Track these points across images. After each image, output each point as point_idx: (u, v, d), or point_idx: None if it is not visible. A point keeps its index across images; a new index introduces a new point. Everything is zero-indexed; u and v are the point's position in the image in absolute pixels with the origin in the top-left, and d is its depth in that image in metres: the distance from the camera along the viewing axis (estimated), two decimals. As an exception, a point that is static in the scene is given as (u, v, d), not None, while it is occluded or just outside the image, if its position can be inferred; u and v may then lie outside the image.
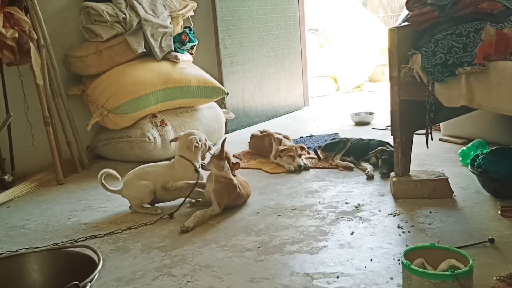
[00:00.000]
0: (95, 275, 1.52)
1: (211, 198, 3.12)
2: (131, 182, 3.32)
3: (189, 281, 2.33)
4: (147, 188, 3.27)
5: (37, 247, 2.78)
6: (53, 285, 1.72)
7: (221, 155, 3.20)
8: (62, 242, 2.84)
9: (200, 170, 3.37)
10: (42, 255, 1.75)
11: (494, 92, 2.60)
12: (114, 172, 3.34)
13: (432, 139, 3.08)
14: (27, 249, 2.69)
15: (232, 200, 3.19)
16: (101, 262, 1.58)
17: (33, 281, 1.74)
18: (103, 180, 3.30)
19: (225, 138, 3.37)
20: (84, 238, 2.91)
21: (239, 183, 3.23)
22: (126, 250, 2.73)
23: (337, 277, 2.27)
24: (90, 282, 1.47)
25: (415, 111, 3.09)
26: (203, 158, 3.49)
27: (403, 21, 3.15)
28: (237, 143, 5.00)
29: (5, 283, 1.72)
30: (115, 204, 3.47)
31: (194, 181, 3.26)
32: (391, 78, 3.06)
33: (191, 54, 5.05)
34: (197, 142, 3.37)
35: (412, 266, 2.00)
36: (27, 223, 3.23)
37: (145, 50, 4.58)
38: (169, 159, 3.71)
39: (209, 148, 3.51)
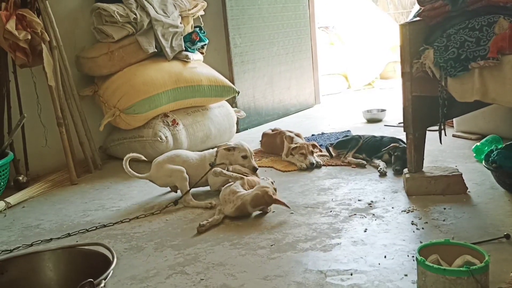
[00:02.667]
0: (110, 272, 1.52)
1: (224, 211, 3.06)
2: (162, 168, 3.42)
3: (202, 279, 2.33)
4: (181, 173, 3.37)
5: (51, 239, 2.82)
6: (67, 283, 1.73)
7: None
8: (75, 232, 2.87)
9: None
10: (56, 253, 1.76)
11: (508, 86, 2.57)
12: (139, 155, 3.46)
13: (445, 135, 3.05)
14: (41, 241, 2.71)
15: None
16: (115, 259, 1.59)
17: (48, 279, 1.75)
18: (128, 166, 3.39)
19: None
20: (95, 228, 2.95)
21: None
22: (139, 248, 2.74)
23: (351, 274, 2.26)
24: (104, 279, 1.48)
25: (428, 107, 3.06)
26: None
27: (414, 16, 3.12)
28: (249, 141, 4.93)
29: (20, 281, 1.73)
30: (128, 204, 3.49)
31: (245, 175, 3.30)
32: (403, 73, 3.04)
33: (202, 53, 5.06)
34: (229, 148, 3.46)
35: (427, 263, 1.98)
36: (41, 223, 3.26)
37: (156, 50, 4.59)
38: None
39: (254, 168, 3.50)
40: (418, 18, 3.03)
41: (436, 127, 3.06)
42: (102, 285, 1.45)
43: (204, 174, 3.44)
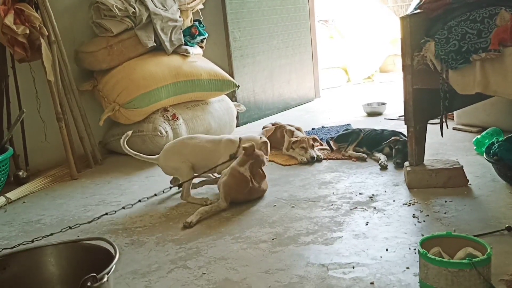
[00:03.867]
0: (112, 267, 1.52)
1: (220, 191, 3.11)
2: (169, 156, 3.38)
3: (204, 273, 2.33)
4: (185, 166, 3.31)
5: (52, 233, 2.81)
6: (70, 278, 1.73)
7: (250, 152, 3.13)
8: (77, 237, 2.87)
9: None
10: (58, 248, 1.76)
11: (510, 78, 2.56)
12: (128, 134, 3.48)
13: (447, 127, 3.04)
14: (42, 237, 2.70)
15: (243, 195, 3.15)
16: (117, 254, 1.59)
17: (50, 274, 1.75)
18: (127, 147, 3.43)
19: (267, 143, 3.37)
20: (96, 219, 2.94)
21: (260, 178, 3.20)
22: (141, 243, 2.74)
23: (353, 267, 2.26)
24: (107, 274, 1.48)
25: (429, 99, 3.05)
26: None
27: (415, 9, 3.11)
28: (249, 135, 4.98)
29: (22, 277, 1.73)
30: (129, 199, 3.48)
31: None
32: (404, 66, 3.03)
33: (201, 47, 5.04)
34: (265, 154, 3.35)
35: (429, 255, 1.98)
36: (42, 218, 3.25)
37: (155, 44, 4.57)
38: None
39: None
40: (418, 11, 3.01)
41: (437, 120, 3.06)
42: (105, 279, 1.45)
43: (220, 163, 3.31)
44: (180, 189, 3.29)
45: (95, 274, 1.42)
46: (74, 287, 1.48)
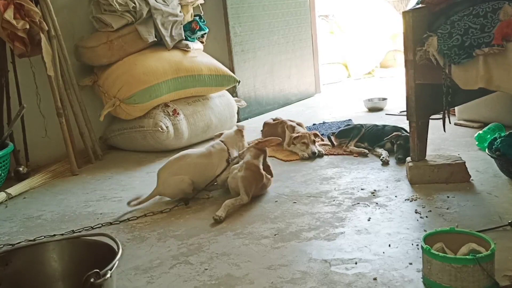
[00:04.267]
0: (115, 263, 1.51)
1: (239, 186, 3.05)
2: (167, 181, 3.18)
3: (206, 269, 2.32)
4: (185, 183, 3.17)
5: (54, 235, 2.81)
6: (72, 273, 1.72)
7: (263, 146, 3.21)
8: (79, 229, 2.86)
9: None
10: (61, 244, 1.75)
11: (514, 73, 2.55)
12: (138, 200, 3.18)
13: (450, 123, 3.03)
14: (45, 237, 2.70)
15: (258, 190, 3.15)
16: (120, 250, 1.58)
17: (53, 270, 1.74)
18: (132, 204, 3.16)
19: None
20: (100, 225, 2.93)
21: (269, 172, 3.25)
22: (142, 239, 2.73)
23: (356, 263, 2.25)
24: (110, 270, 1.47)
25: (431, 95, 3.04)
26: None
27: (417, 3, 3.09)
28: (250, 131, 4.95)
29: (24, 272, 1.72)
30: (130, 194, 3.46)
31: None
32: (406, 61, 3.02)
33: (202, 42, 5.02)
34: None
35: (432, 251, 1.97)
36: (43, 213, 3.24)
37: (155, 39, 4.55)
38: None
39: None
40: (421, 5, 3.00)
41: (438, 116, 3.04)
42: (108, 275, 1.44)
43: (220, 173, 3.27)
44: (187, 205, 3.18)
45: (98, 270, 1.41)
46: (76, 283, 1.47)
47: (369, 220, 2.70)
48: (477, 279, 1.90)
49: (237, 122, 5.17)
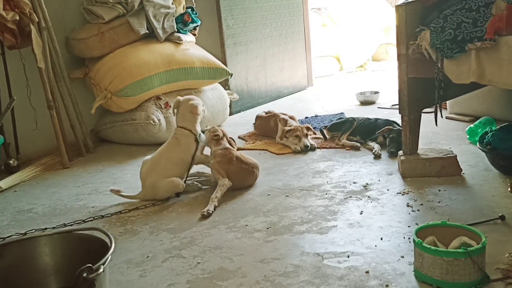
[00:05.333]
0: (108, 257, 1.51)
1: (213, 173, 3.14)
2: (157, 185, 3.11)
3: (199, 263, 2.32)
4: (176, 183, 3.12)
5: (45, 228, 2.80)
6: (65, 268, 1.71)
7: (218, 136, 3.29)
8: (70, 223, 2.85)
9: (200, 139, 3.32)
10: (53, 238, 1.74)
11: (505, 67, 2.56)
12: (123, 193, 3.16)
13: (442, 117, 3.04)
14: (36, 230, 2.68)
15: (235, 167, 3.17)
16: (113, 244, 1.57)
17: (45, 264, 1.73)
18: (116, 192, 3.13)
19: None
20: (92, 219, 2.92)
21: (247, 161, 3.25)
22: (134, 232, 2.72)
23: (348, 257, 2.26)
24: (103, 264, 1.46)
25: (423, 89, 3.05)
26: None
27: (410, -3, 3.08)
28: (242, 124, 4.97)
29: (16, 267, 1.71)
30: (121, 187, 3.44)
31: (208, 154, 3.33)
32: (399, 55, 3.02)
33: (194, 35, 4.99)
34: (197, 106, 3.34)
35: (424, 244, 1.99)
36: (34, 207, 3.22)
37: (147, 32, 4.52)
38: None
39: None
40: (414, -1, 3.00)
41: (430, 109, 3.05)
42: (101, 270, 1.43)
43: (194, 152, 3.24)
44: (179, 197, 3.17)
45: (91, 265, 1.40)
46: (69, 278, 1.47)
47: (361, 213, 2.71)
48: (468, 272, 1.91)
49: (230, 115, 5.17)
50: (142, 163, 3.26)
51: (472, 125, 3.74)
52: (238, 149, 3.99)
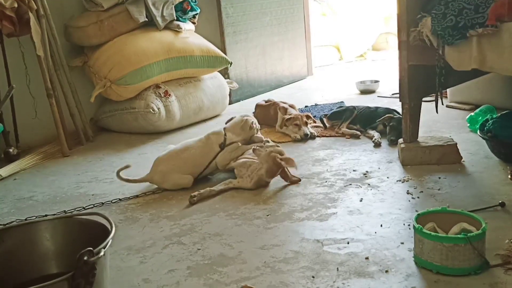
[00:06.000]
0: (109, 241, 1.51)
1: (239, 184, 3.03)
2: (167, 176, 3.08)
3: (199, 249, 2.33)
4: (186, 180, 3.10)
5: (46, 215, 2.80)
6: (65, 253, 1.71)
7: (280, 165, 3.01)
8: (71, 210, 2.85)
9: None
10: (53, 223, 1.74)
11: (507, 54, 2.54)
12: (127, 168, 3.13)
13: (442, 104, 3.03)
14: (36, 217, 2.68)
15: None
16: (113, 229, 1.57)
17: (45, 249, 1.73)
18: (121, 175, 3.09)
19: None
20: (92, 206, 2.92)
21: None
22: (134, 220, 2.72)
23: (348, 243, 2.27)
24: (104, 248, 1.46)
25: (424, 76, 3.04)
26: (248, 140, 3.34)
27: (411, -16, 3.06)
28: (242, 113, 4.95)
29: (17, 251, 1.71)
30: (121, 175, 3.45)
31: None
32: (400, 42, 3.00)
33: (193, 23, 4.96)
34: (252, 123, 3.30)
35: (424, 230, 1.99)
36: (34, 194, 3.22)
37: (146, 19, 4.50)
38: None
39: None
40: (415, -14, 2.97)
41: (430, 98, 3.04)
42: (102, 253, 1.43)
43: (213, 157, 3.18)
44: None
45: (91, 249, 1.40)
46: (70, 262, 1.47)
47: (361, 201, 2.71)
48: (468, 258, 1.92)
49: (229, 104, 5.16)
50: (166, 149, 3.25)
51: (472, 113, 3.73)
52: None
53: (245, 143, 3.30)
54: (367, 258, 2.12)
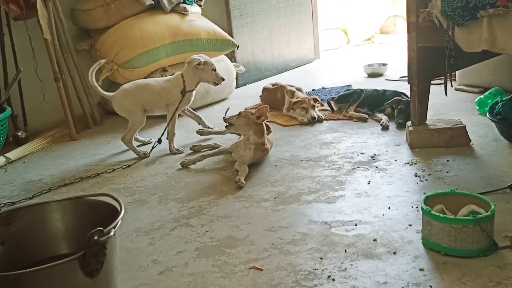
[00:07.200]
0: (118, 221, 1.51)
1: (247, 161, 3.04)
2: (125, 97, 3.45)
3: (207, 231, 2.34)
4: (139, 112, 3.46)
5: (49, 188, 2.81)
6: (75, 233, 1.72)
7: (261, 120, 3.04)
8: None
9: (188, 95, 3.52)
10: (63, 204, 1.75)
11: (518, 35, 2.51)
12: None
13: (452, 86, 3.01)
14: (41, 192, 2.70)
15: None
16: (123, 209, 1.58)
17: (56, 229, 1.74)
18: (93, 80, 3.45)
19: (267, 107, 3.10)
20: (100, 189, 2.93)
21: (268, 141, 3.18)
22: (143, 202, 2.74)
23: (355, 225, 2.27)
24: (114, 228, 1.47)
25: (433, 58, 3.01)
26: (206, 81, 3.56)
27: (421, -36, 3.01)
28: (249, 97, 4.95)
29: (27, 232, 1.72)
30: (129, 158, 3.47)
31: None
32: (409, 24, 2.97)
33: (200, 6, 4.93)
34: (199, 63, 3.42)
35: (433, 212, 1.98)
36: (43, 177, 3.24)
37: (153, 2, 4.47)
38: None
39: (222, 79, 3.55)
40: (425, -34, 2.92)
41: (438, 81, 3.01)
42: (112, 233, 1.44)
43: (175, 101, 3.47)
44: (156, 144, 3.49)
45: (101, 229, 1.41)
46: (80, 242, 1.48)
47: (369, 183, 2.70)
48: (476, 240, 1.91)
49: (236, 87, 5.14)
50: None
51: (482, 96, 3.70)
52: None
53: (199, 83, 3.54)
54: (375, 240, 2.12)
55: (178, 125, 3.91)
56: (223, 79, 3.55)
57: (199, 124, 3.86)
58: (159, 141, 3.50)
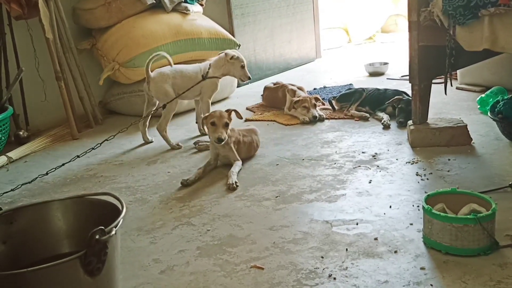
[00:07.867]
0: (120, 220, 1.52)
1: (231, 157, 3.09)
2: (163, 81, 3.59)
3: (209, 230, 2.34)
4: (174, 101, 3.56)
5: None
6: (77, 232, 1.73)
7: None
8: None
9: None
10: (65, 203, 1.75)
11: (519, 34, 2.51)
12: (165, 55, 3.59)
13: (452, 85, 3.01)
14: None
15: (247, 152, 3.20)
16: (124, 208, 1.58)
17: (57, 228, 1.75)
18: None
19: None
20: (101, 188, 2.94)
21: (241, 135, 3.21)
22: (144, 201, 2.75)
23: (357, 224, 2.27)
24: (115, 227, 1.48)
25: (434, 57, 3.01)
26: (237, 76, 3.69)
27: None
28: (250, 96, 4.95)
29: (29, 231, 1.73)
30: (130, 158, 3.48)
31: None
32: (410, 23, 2.97)
33: (201, 5, 4.94)
34: (232, 57, 3.59)
35: (434, 211, 1.98)
36: (45, 177, 3.24)
37: (154, 1, 4.47)
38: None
39: (249, 78, 3.68)
40: (426, -35, 2.92)
41: (440, 80, 3.01)
42: (113, 232, 1.45)
43: (195, 83, 3.60)
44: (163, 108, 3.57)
45: (103, 228, 1.42)
46: (82, 241, 1.48)
47: (370, 182, 2.71)
48: (477, 239, 1.92)
49: (237, 86, 5.14)
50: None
51: (483, 95, 3.69)
52: (247, 120, 4.02)
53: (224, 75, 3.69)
54: (376, 238, 2.12)
55: (179, 124, 3.94)
56: (250, 78, 3.67)
57: (196, 123, 3.91)
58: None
